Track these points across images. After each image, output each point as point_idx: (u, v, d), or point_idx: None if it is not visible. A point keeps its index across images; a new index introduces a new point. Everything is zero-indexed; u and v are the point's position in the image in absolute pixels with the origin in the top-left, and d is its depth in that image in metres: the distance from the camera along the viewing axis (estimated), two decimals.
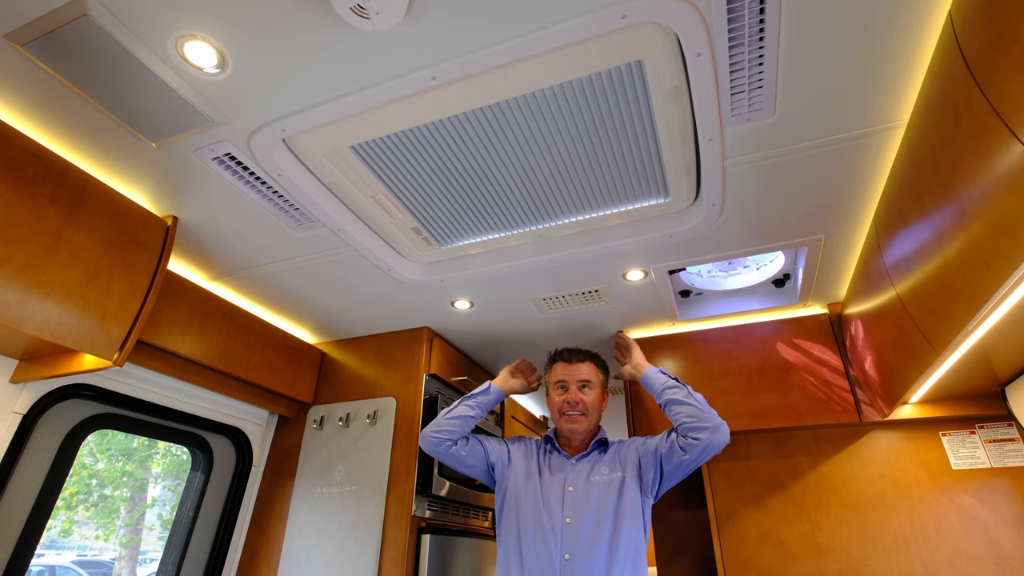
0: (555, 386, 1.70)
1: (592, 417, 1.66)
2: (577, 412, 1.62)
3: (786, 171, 1.46)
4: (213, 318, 1.99)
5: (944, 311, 1.26)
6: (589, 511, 1.49)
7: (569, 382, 1.66)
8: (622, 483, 1.54)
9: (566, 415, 1.64)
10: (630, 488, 1.52)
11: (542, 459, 1.67)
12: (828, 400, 1.97)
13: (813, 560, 1.89)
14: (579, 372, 1.68)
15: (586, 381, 1.68)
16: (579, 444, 1.67)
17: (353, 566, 1.98)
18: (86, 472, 7.41)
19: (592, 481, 1.56)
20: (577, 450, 1.67)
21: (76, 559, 10.21)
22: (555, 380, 1.69)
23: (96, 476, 7.55)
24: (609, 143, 1.42)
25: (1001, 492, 1.81)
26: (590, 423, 1.65)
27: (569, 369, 1.68)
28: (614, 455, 1.63)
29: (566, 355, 1.72)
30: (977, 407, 1.81)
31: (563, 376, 1.67)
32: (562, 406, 1.64)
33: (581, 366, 1.69)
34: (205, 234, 1.75)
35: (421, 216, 1.71)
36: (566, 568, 1.41)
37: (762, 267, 2.15)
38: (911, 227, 1.32)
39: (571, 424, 1.62)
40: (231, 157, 1.42)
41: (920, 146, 1.20)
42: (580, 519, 1.48)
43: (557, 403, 1.67)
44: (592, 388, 1.68)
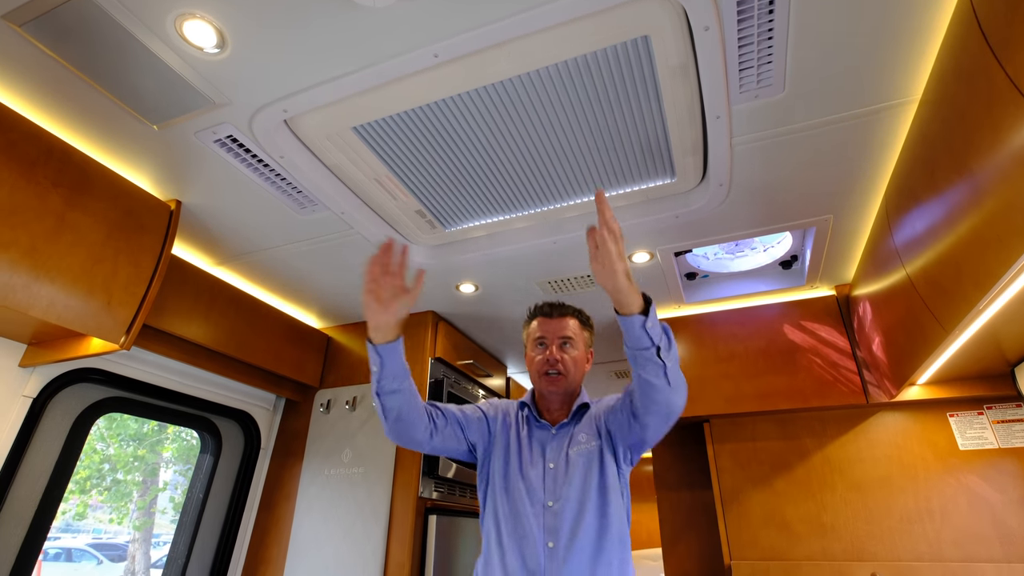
0: (534, 343, 1.49)
1: (573, 377, 1.46)
2: (556, 371, 1.43)
3: (795, 149, 1.44)
4: (219, 303, 1.99)
5: (954, 290, 1.24)
6: (571, 491, 1.33)
7: (549, 338, 1.46)
8: (601, 452, 1.37)
9: (545, 375, 1.44)
10: (608, 457, 1.36)
11: (520, 429, 1.48)
12: (835, 382, 1.97)
13: (818, 540, 1.90)
14: (561, 328, 1.48)
15: (568, 338, 1.47)
16: (558, 408, 1.48)
17: (361, 546, 2.00)
18: (98, 457, 7.52)
19: (571, 454, 1.39)
20: (557, 417, 1.48)
21: (91, 542, 10.41)
22: (534, 336, 1.49)
23: (108, 461, 7.66)
24: (615, 122, 1.39)
25: (1008, 472, 1.80)
26: (570, 384, 1.46)
27: (549, 324, 1.48)
28: (591, 419, 1.45)
29: (546, 309, 1.50)
30: (986, 388, 1.79)
31: (543, 332, 1.47)
32: (541, 365, 1.44)
33: (563, 321, 1.48)
34: (209, 218, 1.74)
35: (425, 199, 1.70)
36: (551, 557, 1.26)
37: (769, 248, 2.13)
38: (923, 205, 1.30)
39: (550, 385, 1.44)
40: (233, 139, 1.41)
41: (933, 121, 1.18)
42: (563, 501, 1.32)
43: (536, 362, 1.47)
44: (575, 346, 1.48)
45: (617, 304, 1.13)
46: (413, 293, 1.23)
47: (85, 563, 9.51)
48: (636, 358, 1.17)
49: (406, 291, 1.22)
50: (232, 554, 2.13)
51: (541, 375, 1.45)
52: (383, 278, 1.19)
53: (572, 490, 1.32)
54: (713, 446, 2.16)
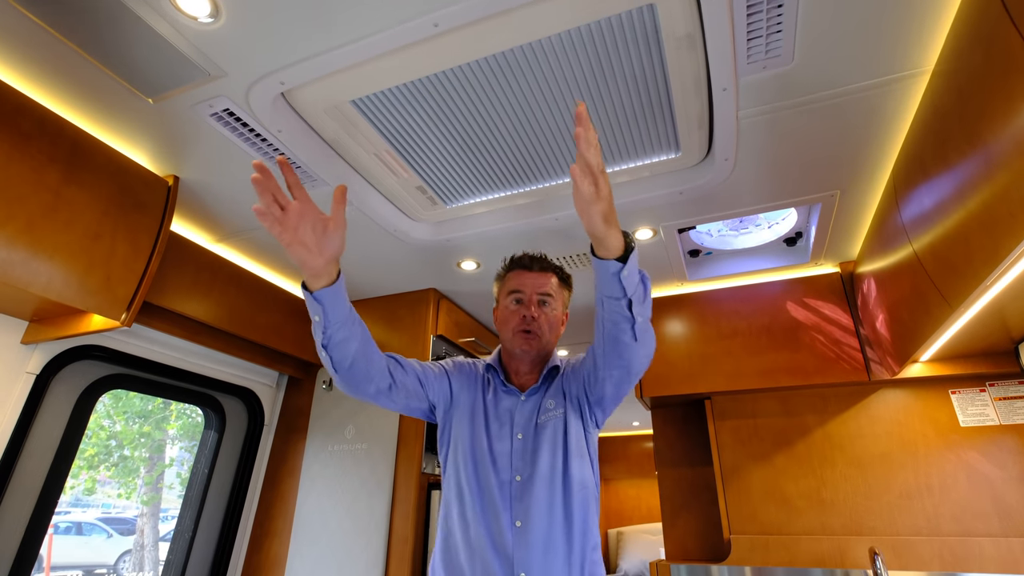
0: (508, 296, 1.34)
1: (548, 339, 1.33)
2: (531, 331, 1.30)
3: (803, 123, 1.41)
4: (220, 280, 1.99)
5: (963, 266, 1.23)
6: (540, 463, 1.21)
7: (527, 293, 1.32)
8: (566, 418, 1.27)
9: (520, 332, 1.30)
10: (573, 421, 1.27)
11: (487, 394, 1.35)
12: (837, 359, 1.96)
13: (817, 515, 1.92)
14: (540, 283, 1.33)
15: (547, 295, 1.33)
16: (528, 372, 1.36)
17: (365, 520, 2.03)
18: (104, 433, 7.62)
19: (540, 423, 1.27)
20: (526, 382, 1.35)
21: (101, 516, 10.62)
22: (509, 289, 1.35)
23: (115, 437, 7.77)
24: (619, 95, 1.36)
25: (1009, 448, 1.81)
26: (544, 345, 1.33)
27: (527, 278, 1.34)
28: (559, 383, 1.34)
29: (526, 261, 1.36)
30: (989, 365, 1.79)
31: (519, 285, 1.33)
32: (517, 322, 1.30)
33: (543, 276, 1.35)
34: (207, 194, 1.72)
35: (426, 174, 1.68)
36: (518, 536, 1.15)
37: (774, 225, 2.10)
38: (932, 180, 1.28)
39: (524, 344, 1.30)
40: (230, 113, 1.38)
41: (947, 93, 1.15)
42: (531, 475, 1.21)
43: (509, 318, 1.32)
44: (553, 305, 1.34)
45: (594, 245, 0.98)
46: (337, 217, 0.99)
47: (96, 536, 9.73)
48: (604, 304, 1.05)
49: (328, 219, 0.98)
50: (238, 528, 2.17)
51: (516, 332, 1.31)
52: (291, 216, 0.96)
53: (540, 462, 1.22)
54: (714, 423, 2.17)
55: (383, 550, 1.96)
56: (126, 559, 9.08)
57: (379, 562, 1.95)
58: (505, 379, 1.36)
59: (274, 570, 2.09)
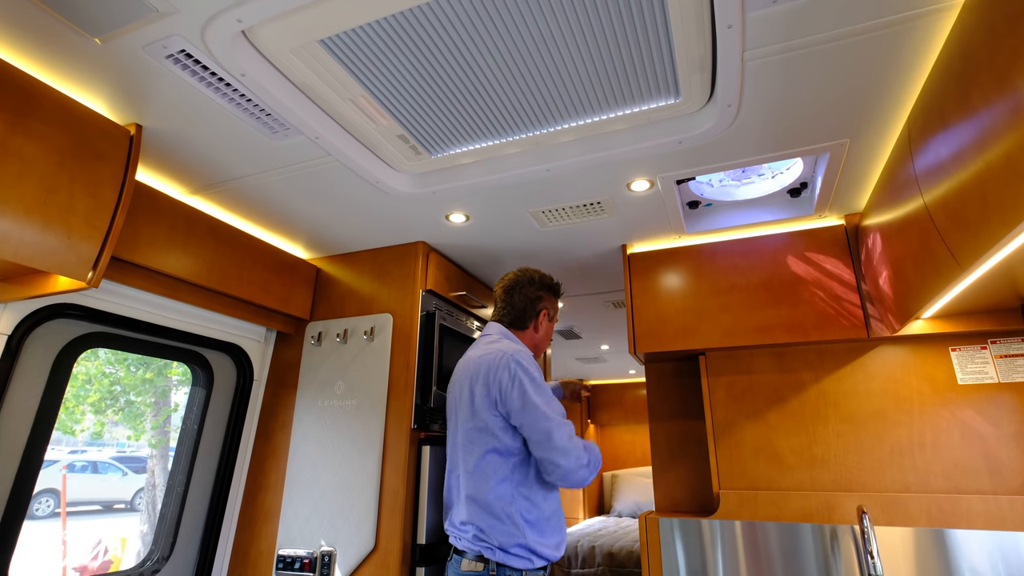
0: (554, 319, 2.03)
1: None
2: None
3: (814, 65, 1.29)
4: (197, 233, 1.91)
5: (977, 224, 1.14)
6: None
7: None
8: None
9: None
10: None
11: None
12: (837, 315, 1.91)
13: (807, 471, 1.92)
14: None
15: None
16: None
17: (356, 474, 2.04)
18: (108, 380, 7.73)
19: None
20: None
21: (116, 455, 10.98)
22: (556, 310, 1.99)
23: (118, 383, 7.88)
24: (614, 34, 1.24)
25: (1005, 407, 1.78)
26: None
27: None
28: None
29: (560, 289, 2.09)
30: (992, 322, 1.73)
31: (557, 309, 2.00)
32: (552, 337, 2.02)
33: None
34: (174, 143, 1.62)
35: (407, 122, 1.56)
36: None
37: (778, 175, 2.00)
38: (951, 128, 1.18)
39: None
40: (187, 55, 1.26)
41: (976, 30, 1.03)
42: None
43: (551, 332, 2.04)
44: None
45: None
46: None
47: (111, 474, 10.09)
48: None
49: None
50: (232, 481, 2.19)
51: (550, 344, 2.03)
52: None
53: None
54: (708, 379, 2.14)
55: (375, 503, 1.98)
56: (142, 495, 9.45)
57: (371, 514, 1.97)
58: None
59: (268, 522, 2.12)
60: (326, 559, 1.98)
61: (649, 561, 1.96)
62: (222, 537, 2.13)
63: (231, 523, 2.17)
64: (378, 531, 1.96)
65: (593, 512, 5.88)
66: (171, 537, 2.00)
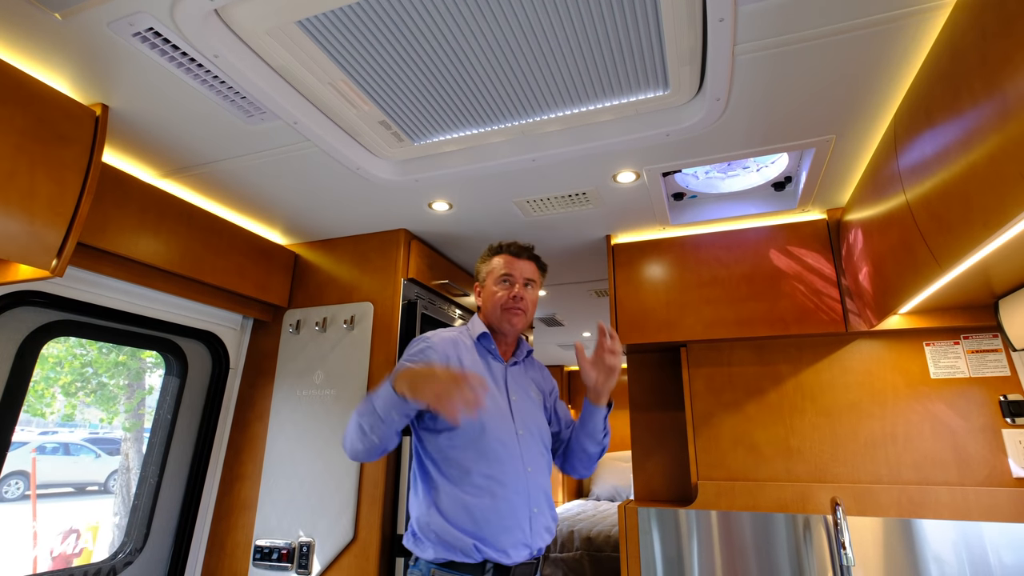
0: (497, 280, 1.56)
1: (529, 317, 1.59)
2: (519, 308, 1.54)
3: (804, 60, 1.27)
4: (169, 218, 1.84)
5: (959, 226, 1.15)
6: (534, 426, 1.52)
7: (516, 276, 1.55)
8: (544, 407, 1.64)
9: (508, 310, 1.53)
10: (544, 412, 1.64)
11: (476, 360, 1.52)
12: (816, 310, 1.93)
13: (783, 461, 1.95)
14: (526, 268, 1.58)
15: (531, 280, 1.59)
16: (508, 345, 1.61)
17: (335, 464, 2.02)
18: (79, 362, 7.52)
19: (532, 395, 1.59)
20: (507, 353, 1.61)
21: (88, 437, 10.75)
22: (499, 274, 1.57)
23: (90, 365, 7.68)
24: (604, 23, 1.20)
25: (975, 400, 1.83)
26: (526, 323, 1.60)
27: (516, 264, 1.57)
28: (538, 377, 1.68)
29: (515, 249, 1.60)
30: (966, 319, 1.77)
31: (509, 270, 1.56)
32: (507, 300, 1.53)
33: (529, 263, 1.59)
34: (144, 125, 1.54)
35: (389, 108, 1.52)
36: (530, 479, 1.43)
37: (763, 168, 1.99)
38: (938, 127, 1.18)
39: (511, 319, 1.53)
40: (155, 33, 1.19)
41: (968, 32, 1.02)
42: (529, 432, 1.49)
43: (500, 297, 1.54)
44: (534, 287, 1.61)
45: (596, 396, 1.52)
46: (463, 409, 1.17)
47: (84, 456, 9.89)
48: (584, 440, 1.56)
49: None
50: (207, 471, 2.15)
51: (505, 309, 1.53)
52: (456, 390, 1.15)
53: (534, 426, 1.52)
54: (688, 370, 2.15)
55: (354, 493, 1.97)
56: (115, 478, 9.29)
57: (350, 505, 1.96)
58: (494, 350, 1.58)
59: (245, 512, 2.09)
60: (304, 549, 1.96)
61: (628, 549, 1.99)
62: (197, 528, 2.10)
63: (207, 514, 2.14)
64: (357, 521, 1.94)
65: (572, 496, 5.96)
66: (144, 528, 1.96)
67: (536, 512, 1.42)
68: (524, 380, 1.60)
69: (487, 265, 1.61)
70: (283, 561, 1.96)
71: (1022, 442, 1.75)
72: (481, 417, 1.42)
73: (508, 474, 1.40)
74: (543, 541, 1.44)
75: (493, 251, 1.62)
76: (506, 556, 1.35)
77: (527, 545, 1.39)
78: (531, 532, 1.40)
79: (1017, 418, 1.77)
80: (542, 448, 1.52)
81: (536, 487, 1.44)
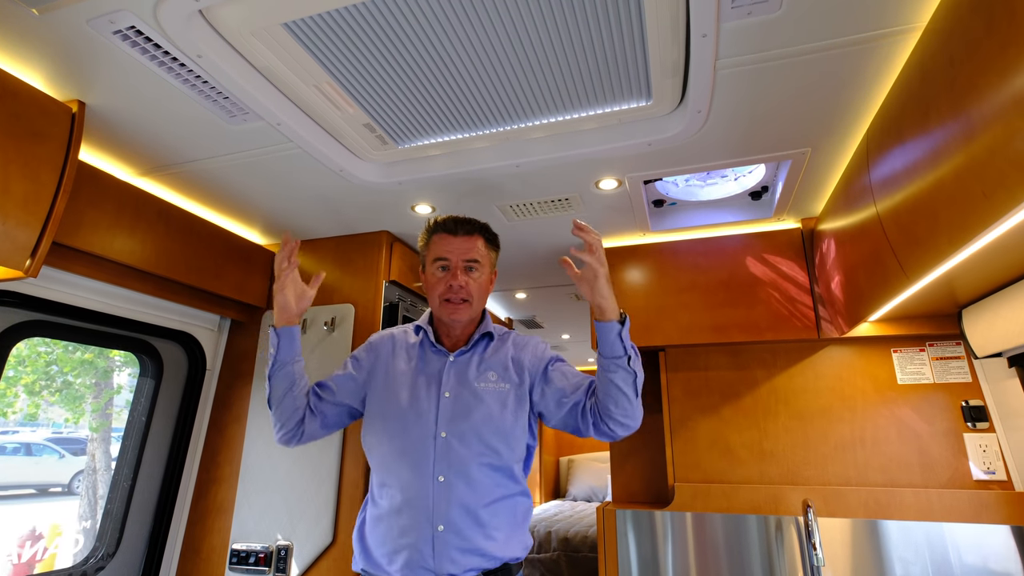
0: (433, 263, 1.36)
1: (477, 304, 1.36)
2: (460, 298, 1.32)
3: (782, 76, 1.31)
4: (146, 217, 1.80)
5: (926, 239, 1.20)
6: (468, 425, 1.26)
7: (452, 260, 1.33)
8: (509, 397, 1.32)
9: (447, 301, 1.32)
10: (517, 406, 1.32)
11: (411, 355, 1.38)
12: (790, 316, 1.98)
13: (757, 464, 2.00)
14: (466, 248, 1.34)
15: (473, 261, 1.34)
16: (459, 335, 1.39)
17: (315, 467, 2.00)
18: (43, 360, 7.29)
19: (479, 388, 1.31)
20: (456, 343, 1.39)
21: (51, 436, 10.40)
22: (434, 256, 1.36)
23: (55, 363, 7.44)
24: (589, 33, 1.22)
25: (939, 405, 1.90)
26: (475, 311, 1.36)
27: (452, 243, 1.34)
28: (506, 357, 1.37)
29: (449, 225, 1.36)
30: (931, 327, 1.84)
31: (444, 252, 1.33)
32: (443, 291, 1.32)
33: (469, 240, 1.35)
34: (123, 122, 1.51)
35: (374, 111, 1.51)
36: (440, 491, 1.21)
37: (740, 177, 2.04)
38: (908, 144, 1.22)
39: (452, 314, 1.32)
40: (137, 32, 1.17)
41: (937, 55, 1.07)
42: (458, 435, 1.25)
43: (436, 285, 1.34)
44: (480, 269, 1.36)
45: (598, 310, 1.22)
46: (312, 291, 1.35)
47: (47, 456, 9.58)
48: (608, 367, 1.21)
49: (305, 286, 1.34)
50: (182, 475, 2.11)
51: (443, 301, 1.34)
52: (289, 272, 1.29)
53: (469, 424, 1.26)
54: (666, 375, 2.19)
55: (333, 496, 1.96)
56: (80, 478, 9.02)
57: (329, 508, 1.95)
58: (435, 340, 1.40)
59: (221, 516, 2.06)
60: (282, 553, 1.94)
61: (605, 551, 2.02)
62: (172, 532, 2.06)
63: (181, 518, 2.10)
64: (337, 524, 1.93)
65: (549, 496, 6.00)
66: (117, 533, 1.92)
67: (443, 531, 1.19)
68: (476, 370, 1.35)
69: (424, 247, 1.42)
70: (260, 565, 1.94)
71: (982, 446, 1.83)
72: (388, 419, 1.30)
73: (405, 484, 1.23)
74: (460, 567, 1.18)
75: (428, 229, 1.41)
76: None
77: (429, 570, 1.17)
78: (433, 555, 1.18)
79: (978, 423, 1.85)
80: (481, 450, 1.25)
81: (448, 501, 1.20)
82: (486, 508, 1.23)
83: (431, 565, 1.18)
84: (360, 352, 1.47)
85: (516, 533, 1.29)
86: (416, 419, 1.28)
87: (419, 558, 1.18)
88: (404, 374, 1.37)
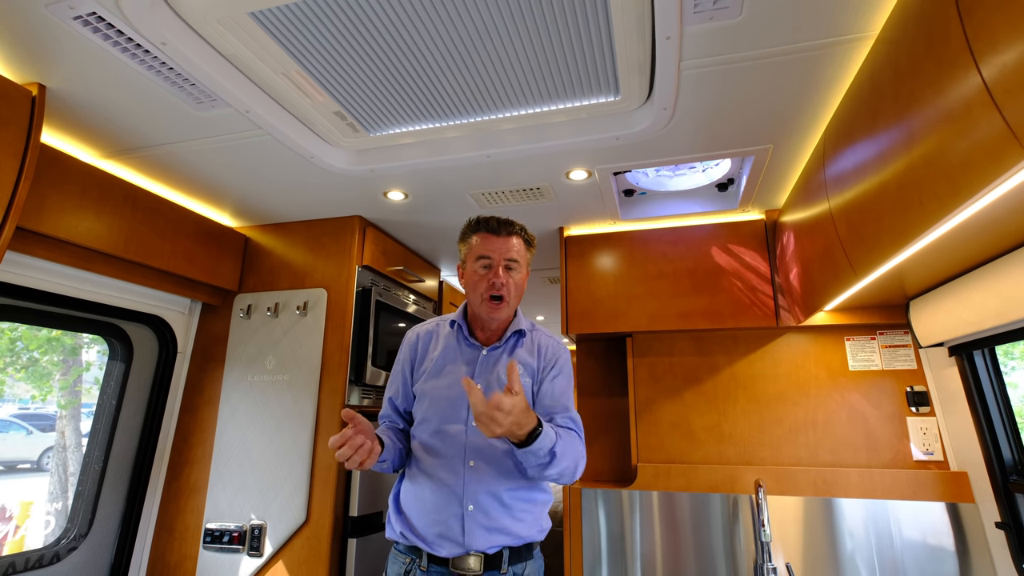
0: (476, 261, 1.41)
1: (514, 302, 1.43)
2: (500, 297, 1.38)
3: (744, 77, 1.35)
4: (111, 200, 1.78)
5: (872, 240, 1.27)
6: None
7: (496, 259, 1.39)
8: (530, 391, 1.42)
9: (490, 299, 1.39)
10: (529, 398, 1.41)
11: (448, 347, 1.48)
12: (751, 305, 2.06)
13: (716, 445, 2.10)
14: (507, 248, 1.40)
15: (513, 260, 1.41)
16: (494, 330, 1.47)
17: (288, 448, 2.04)
18: (7, 336, 7.10)
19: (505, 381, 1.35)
20: (490, 337, 1.47)
21: (18, 412, 10.17)
22: (477, 254, 1.41)
23: (20, 340, 7.25)
24: (558, 29, 1.24)
25: (886, 391, 2.01)
26: (512, 309, 1.45)
27: (495, 243, 1.40)
28: (532, 354, 1.46)
29: (493, 225, 1.42)
30: (882, 317, 1.93)
31: (487, 251, 1.40)
32: (486, 289, 1.39)
33: (510, 240, 1.41)
34: (86, 106, 1.49)
35: (344, 100, 1.51)
36: (470, 475, 1.34)
37: (707, 169, 2.09)
38: (857, 146, 1.28)
39: (493, 311, 1.39)
40: (99, 18, 1.15)
41: (885, 67, 1.12)
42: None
43: (478, 283, 1.40)
44: (519, 268, 1.43)
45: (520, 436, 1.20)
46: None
47: (14, 433, 9.39)
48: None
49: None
50: (154, 457, 2.12)
51: (484, 299, 1.40)
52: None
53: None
54: (633, 359, 2.27)
55: (306, 477, 2.00)
56: (50, 455, 8.87)
57: (303, 488, 1.99)
58: (469, 333, 1.49)
59: (195, 496, 2.09)
60: (256, 532, 1.98)
61: (571, 526, 2.11)
62: (145, 512, 2.08)
63: (154, 498, 2.12)
64: (310, 504, 1.98)
65: None
66: (89, 513, 1.94)
67: (472, 511, 1.32)
68: (497, 362, 1.45)
69: (465, 244, 1.47)
70: (235, 543, 1.98)
71: (923, 429, 1.95)
72: (431, 407, 1.42)
73: (440, 467, 1.36)
74: (486, 543, 1.31)
75: (471, 227, 1.46)
76: (437, 548, 1.32)
77: (459, 544, 1.30)
78: (463, 532, 1.31)
79: (920, 407, 1.96)
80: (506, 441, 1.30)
81: (477, 483, 1.33)
82: (510, 493, 1.36)
83: (461, 540, 1.31)
84: (403, 353, 1.55)
85: (537, 517, 1.43)
86: (450, 409, 1.40)
87: (450, 533, 1.32)
88: (441, 364, 1.47)
